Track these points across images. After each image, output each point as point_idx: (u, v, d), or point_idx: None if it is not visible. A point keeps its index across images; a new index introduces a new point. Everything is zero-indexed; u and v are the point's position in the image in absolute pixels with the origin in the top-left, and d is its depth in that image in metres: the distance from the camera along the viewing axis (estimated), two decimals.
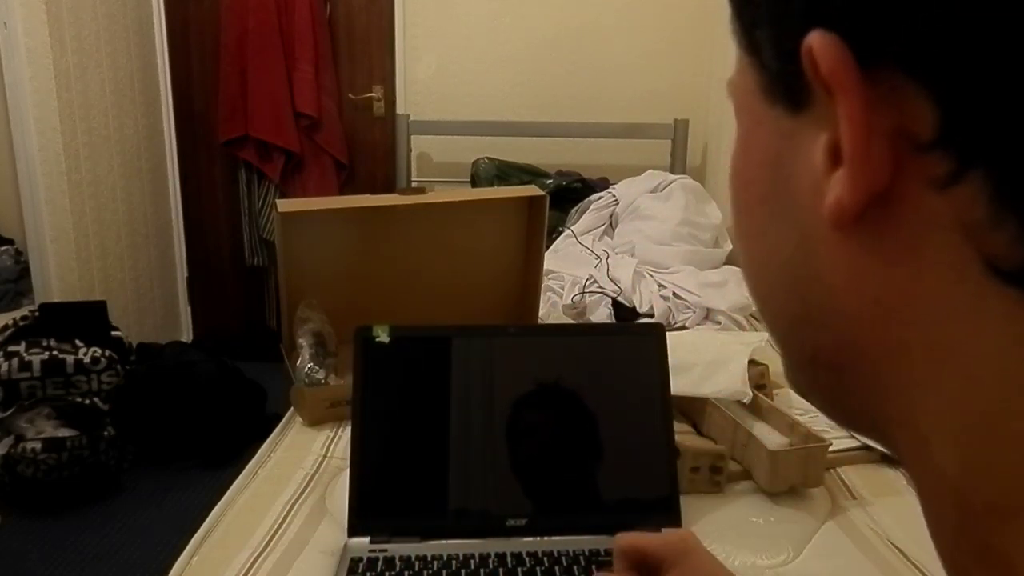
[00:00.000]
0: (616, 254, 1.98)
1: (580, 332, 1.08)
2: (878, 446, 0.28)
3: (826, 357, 0.26)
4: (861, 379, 0.25)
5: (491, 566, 0.79)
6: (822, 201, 0.22)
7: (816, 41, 0.21)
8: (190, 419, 2.58)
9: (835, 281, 0.24)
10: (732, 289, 1.74)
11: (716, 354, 1.09)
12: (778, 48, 0.23)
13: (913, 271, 0.21)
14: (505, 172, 2.89)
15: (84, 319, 2.55)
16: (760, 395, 1.05)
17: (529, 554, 0.81)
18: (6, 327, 2.47)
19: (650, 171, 2.39)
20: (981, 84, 0.18)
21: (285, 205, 1.16)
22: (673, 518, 0.86)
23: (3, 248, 2.84)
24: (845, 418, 0.28)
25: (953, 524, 0.23)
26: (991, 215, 0.19)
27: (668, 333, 0.92)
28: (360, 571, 0.78)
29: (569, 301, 1.71)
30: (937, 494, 0.23)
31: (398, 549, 0.81)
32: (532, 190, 1.34)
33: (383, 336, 0.89)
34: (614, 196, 2.29)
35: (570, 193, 2.65)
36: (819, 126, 0.22)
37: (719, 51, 2.88)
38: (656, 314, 1.65)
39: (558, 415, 0.89)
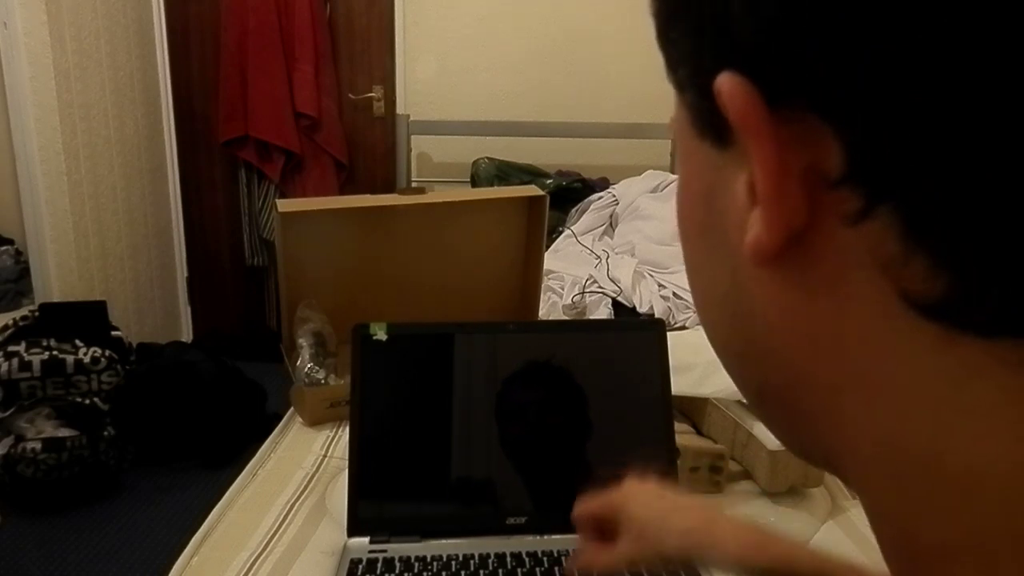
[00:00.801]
0: (616, 254, 1.98)
1: (581, 328, 1.08)
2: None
3: (771, 392, 0.26)
4: (804, 415, 0.25)
5: (491, 567, 0.79)
6: (744, 239, 0.22)
7: (724, 84, 0.21)
8: (190, 419, 2.58)
9: (768, 317, 0.24)
10: None
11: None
12: (696, 87, 0.23)
13: (836, 307, 0.21)
14: (505, 172, 2.89)
15: (84, 319, 2.55)
16: None
17: (529, 554, 0.81)
18: (6, 327, 2.46)
19: (650, 171, 2.39)
20: (884, 121, 0.18)
21: (285, 205, 1.16)
22: None
23: (3, 248, 2.84)
24: (800, 450, 0.28)
25: (902, 564, 0.22)
26: (903, 249, 0.19)
27: (668, 333, 0.92)
28: (360, 573, 0.78)
29: (569, 301, 1.71)
30: (886, 533, 0.23)
31: (398, 549, 0.81)
32: (532, 190, 1.33)
33: (380, 334, 0.89)
34: (614, 196, 2.29)
35: (570, 193, 2.65)
36: (740, 163, 0.22)
37: None
38: (656, 314, 1.65)
39: (557, 411, 0.89)
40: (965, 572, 0.20)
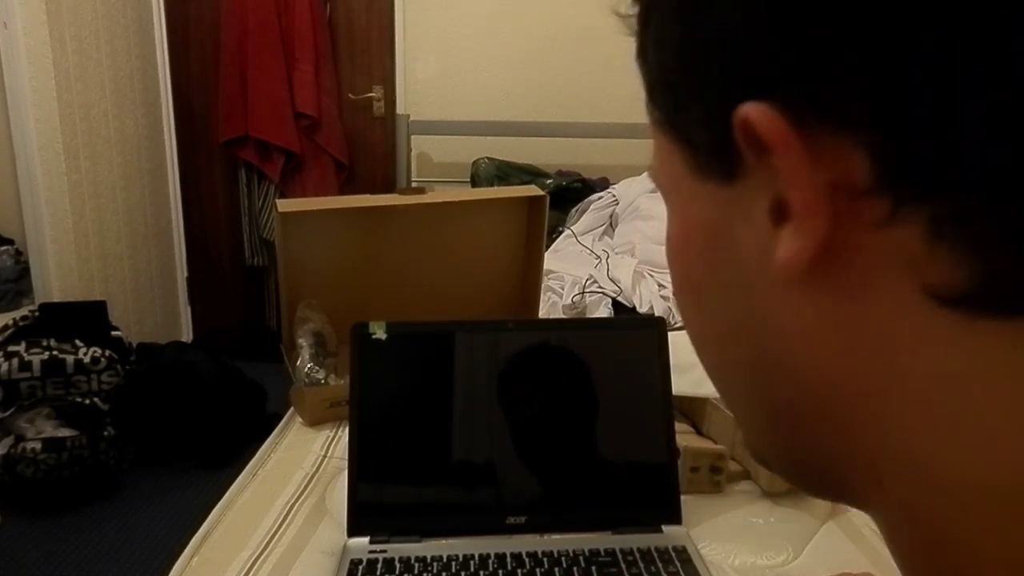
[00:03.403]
0: (616, 254, 1.98)
1: (581, 326, 1.07)
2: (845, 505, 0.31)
3: (789, 416, 0.27)
4: (819, 432, 0.25)
5: (491, 567, 0.79)
6: (769, 260, 0.23)
7: (752, 112, 0.22)
8: (190, 419, 2.58)
9: (793, 336, 0.25)
10: None
11: None
12: (708, 124, 0.24)
13: (864, 311, 0.22)
14: (505, 172, 2.89)
15: (84, 319, 2.55)
16: None
17: (529, 554, 0.81)
18: (6, 327, 2.46)
19: None
20: (908, 134, 0.20)
21: (285, 205, 1.16)
22: (673, 517, 0.86)
23: (3, 248, 2.84)
24: (803, 473, 0.29)
25: (922, 551, 0.24)
26: (928, 245, 0.20)
27: (669, 332, 0.92)
28: (360, 573, 0.78)
29: (569, 301, 1.71)
30: (908, 545, 0.24)
31: (398, 549, 0.81)
32: (532, 190, 1.33)
33: (379, 333, 0.89)
34: (614, 196, 2.30)
35: (570, 193, 2.66)
36: (755, 191, 0.23)
37: None
38: (656, 314, 1.64)
39: (558, 410, 0.89)
40: None
